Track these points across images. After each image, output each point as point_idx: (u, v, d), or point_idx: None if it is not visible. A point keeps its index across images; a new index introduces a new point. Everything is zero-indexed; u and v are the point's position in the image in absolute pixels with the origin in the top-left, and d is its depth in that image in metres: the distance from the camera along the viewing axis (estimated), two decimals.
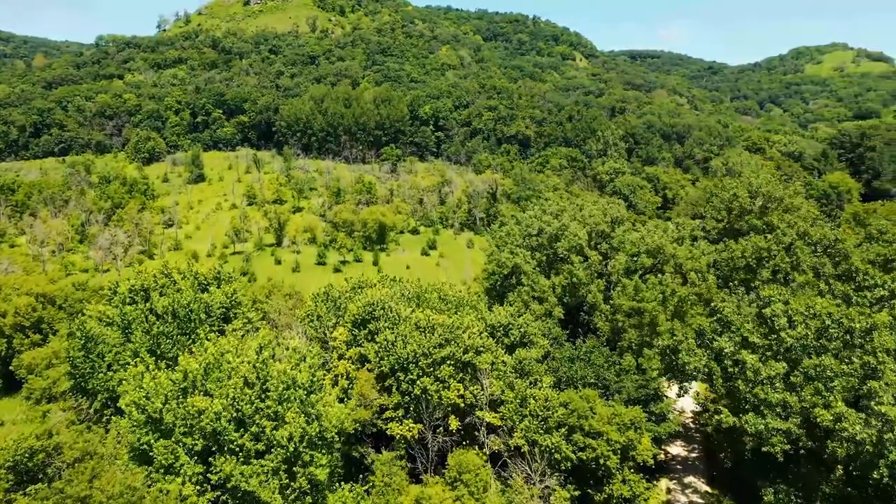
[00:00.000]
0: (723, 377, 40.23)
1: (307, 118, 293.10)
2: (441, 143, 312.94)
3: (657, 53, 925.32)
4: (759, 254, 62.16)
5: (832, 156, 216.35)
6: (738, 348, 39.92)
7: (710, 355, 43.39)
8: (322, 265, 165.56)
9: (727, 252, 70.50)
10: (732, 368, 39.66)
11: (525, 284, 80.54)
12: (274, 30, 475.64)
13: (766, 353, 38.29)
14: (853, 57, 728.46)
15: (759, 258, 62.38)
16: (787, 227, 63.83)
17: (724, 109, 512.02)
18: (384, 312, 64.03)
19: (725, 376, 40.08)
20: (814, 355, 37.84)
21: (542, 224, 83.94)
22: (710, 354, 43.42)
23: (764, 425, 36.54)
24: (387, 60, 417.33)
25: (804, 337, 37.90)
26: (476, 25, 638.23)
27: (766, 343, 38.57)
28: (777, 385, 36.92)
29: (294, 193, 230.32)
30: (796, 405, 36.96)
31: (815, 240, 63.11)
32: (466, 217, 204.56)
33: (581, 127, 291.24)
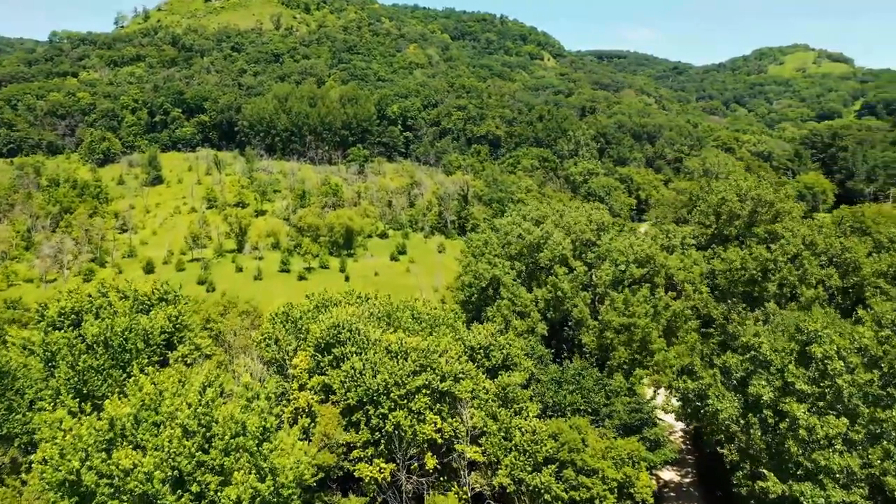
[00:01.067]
0: (760, 428, 34.55)
1: (271, 117, 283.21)
2: (410, 143, 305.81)
3: (623, 53, 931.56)
4: (764, 265, 56.64)
5: (806, 156, 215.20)
6: (779, 394, 34.22)
7: (740, 399, 37.66)
8: (286, 272, 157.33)
9: (725, 262, 64.96)
10: (772, 419, 33.96)
11: (505, 298, 74.16)
12: (236, 27, 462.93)
13: (816, 404, 32.63)
14: (814, 58, 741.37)
15: (765, 270, 56.86)
16: (793, 235, 58.53)
17: (691, 109, 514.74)
18: (351, 335, 56.96)
19: (763, 427, 34.40)
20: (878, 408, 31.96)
21: (523, 232, 77.62)
22: (740, 399, 37.70)
23: (824, 498, 30.78)
24: (353, 59, 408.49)
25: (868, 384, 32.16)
26: (443, 24, 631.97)
27: (816, 391, 32.92)
28: (838, 447, 31.25)
29: (257, 196, 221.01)
30: (860, 472, 31.33)
31: (821, 249, 57.95)
32: (437, 220, 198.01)
33: (552, 127, 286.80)
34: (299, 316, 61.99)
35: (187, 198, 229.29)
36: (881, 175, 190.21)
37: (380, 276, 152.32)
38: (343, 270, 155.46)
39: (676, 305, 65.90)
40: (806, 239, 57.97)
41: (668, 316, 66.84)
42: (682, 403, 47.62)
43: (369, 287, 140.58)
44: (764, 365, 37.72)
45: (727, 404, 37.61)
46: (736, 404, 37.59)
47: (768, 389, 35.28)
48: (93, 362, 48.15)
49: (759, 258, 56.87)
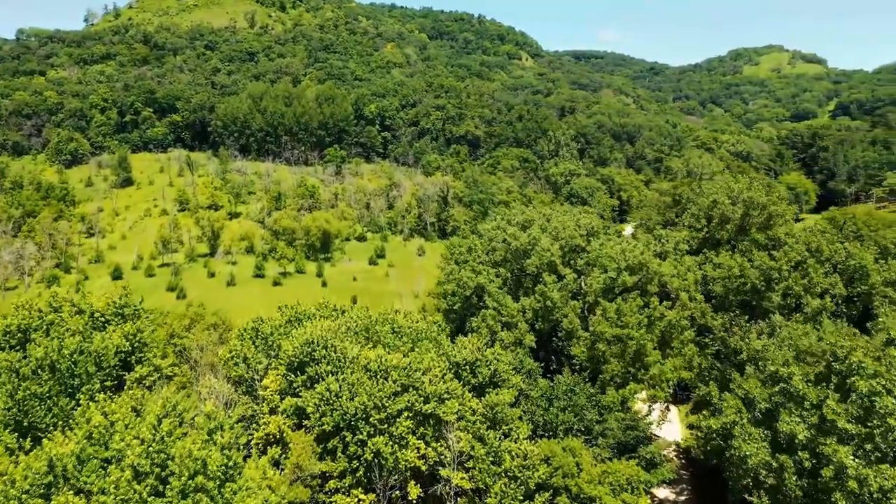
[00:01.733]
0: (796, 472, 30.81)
1: (245, 117, 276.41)
2: (388, 143, 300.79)
3: (600, 54, 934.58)
4: (768, 275, 53.26)
5: (788, 156, 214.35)
6: (816, 433, 30.59)
7: (767, 436, 33.87)
8: (260, 277, 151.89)
9: (721, 270, 61.59)
10: (809, 462, 30.25)
11: (490, 307, 70.18)
12: (210, 25, 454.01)
13: (863, 446, 29.00)
14: (789, 59, 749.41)
15: (769, 279, 53.48)
16: (796, 241, 55.27)
17: (669, 109, 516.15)
18: (326, 353, 52.53)
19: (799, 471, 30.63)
20: None
21: (508, 237, 73.70)
22: (767, 435, 33.89)
23: None
24: (330, 58, 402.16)
25: None
26: (421, 24, 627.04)
27: (863, 431, 29.28)
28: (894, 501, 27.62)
29: (230, 198, 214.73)
30: None
31: (826, 256, 54.77)
32: (416, 222, 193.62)
33: (531, 127, 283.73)
34: (270, 331, 57.37)
35: (158, 200, 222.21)
36: (862, 175, 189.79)
37: (358, 282, 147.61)
38: (320, 275, 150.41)
39: (672, 315, 62.39)
40: (811, 245, 54.70)
41: (663, 326, 63.37)
42: (702, 441, 42.98)
43: (347, 293, 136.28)
44: (796, 399, 33.91)
45: (756, 447, 33.73)
46: (765, 446, 33.66)
47: (803, 427, 31.58)
48: (36, 389, 43.12)
49: (762, 266, 53.43)
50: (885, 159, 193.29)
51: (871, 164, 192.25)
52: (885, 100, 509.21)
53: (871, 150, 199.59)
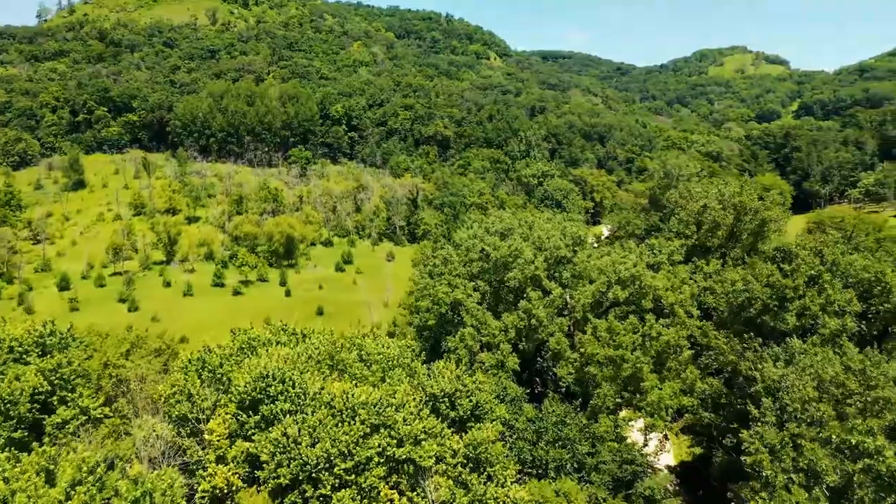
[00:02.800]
0: None
1: (205, 117, 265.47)
2: (355, 143, 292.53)
3: (567, 54, 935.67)
4: (781, 292, 47.74)
5: (762, 156, 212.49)
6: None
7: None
8: (220, 287, 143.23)
9: (723, 284, 56.09)
10: None
11: (468, 325, 63.71)
12: (169, 21, 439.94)
13: None
14: (752, 59, 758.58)
15: (783, 298, 47.95)
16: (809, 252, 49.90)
17: (637, 109, 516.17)
18: (284, 388, 45.38)
19: None
20: None
21: (487, 247, 67.29)
22: None
23: None
24: (294, 56, 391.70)
25: None
26: (388, 22, 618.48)
27: None
28: None
29: (189, 201, 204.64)
30: None
31: (842, 269, 49.54)
32: (385, 226, 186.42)
33: (502, 127, 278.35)
34: (219, 362, 49.97)
35: (112, 204, 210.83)
36: (836, 176, 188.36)
37: (324, 290, 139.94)
38: (283, 284, 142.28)
39: (669, 335, 56.64)
40: (825, 258, 49.37)
41: (659, 347, 57.65)
42: None
43: (313, 303, 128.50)
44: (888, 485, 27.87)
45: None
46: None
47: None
48: None
49: (777, 284, 47.86)
50: (857, 160, 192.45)
51: (844, 165, 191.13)
52: (846, 100, 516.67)
53: (844, 151, 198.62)
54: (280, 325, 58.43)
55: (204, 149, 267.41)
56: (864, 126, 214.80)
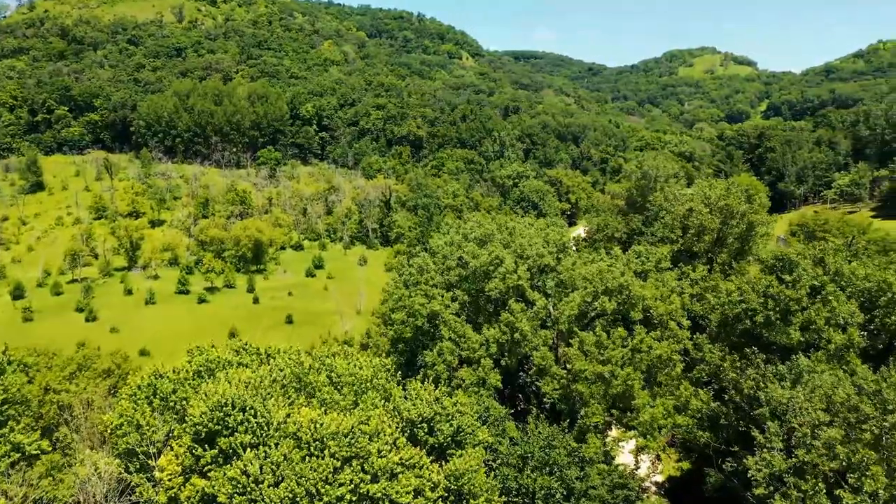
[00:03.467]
0: None
1: (170, 116, 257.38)
2: (326, 144, 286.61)
3: (539, 54, 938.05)
4: (785, 305, 44.49)
5: (737, 157, 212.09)
6: None
7: None
8: (184, 294, 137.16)
9: (718, 296, 52.87)
10: None
11: (446, 338, 59.74)
12: (134, 19, 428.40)
13: None
14: (721, 60, 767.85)
15: (786, 310, 44.69)
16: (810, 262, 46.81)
17: (609, 109, 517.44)
18: (245, 417, 40.78)
19: None
20: None
21: (465, 255, 63.31)
22: None
23: None
24: (264, 54, 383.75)
25: None
26: (359, 21, 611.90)
27: None
28: None
29: (153, 204, 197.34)
30: None
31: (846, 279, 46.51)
32: (357, 229, 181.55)
33: (475, 127, 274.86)
34: (172, 388, 45.15)
35: (72, 207, 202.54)
36: (810, 176, 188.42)
37: (294, 297, 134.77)
38: (251, 290, 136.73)
39: (661, 349, 53.24)
40: (828, 266, 46.29)
41: (650, 360, 54.23)
42: None
43: (282, 311, 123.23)
44: None
45: None
46: None
47: None
48: None
49: (780, 296, 44.57)
50: (831, 160, 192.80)
51: (818, 165, 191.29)
52: (813, 100, 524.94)
53: (818, 151, 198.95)
54: (241, 343, 53.61)
55: (169, 149, 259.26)
56: (836, 126, 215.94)
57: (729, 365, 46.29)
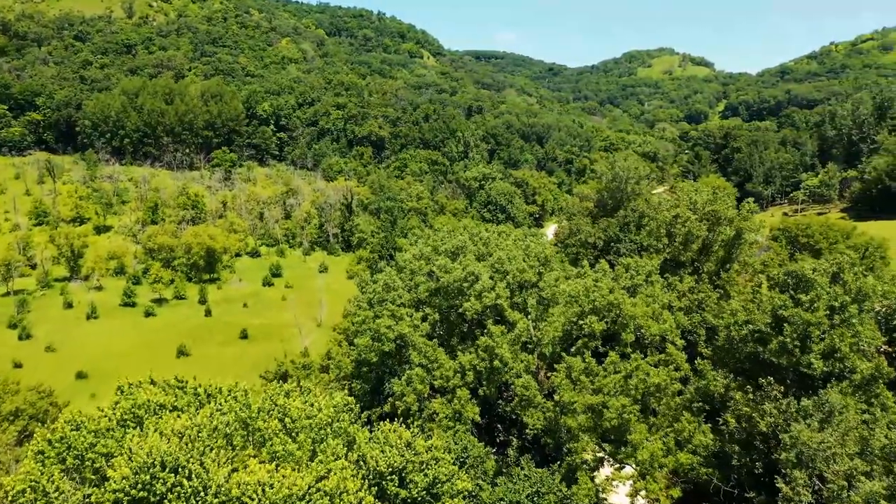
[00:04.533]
0: None
1: (118, 116, 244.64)
2: (284, 145, 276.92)
3: (500, 54, 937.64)
4: (804, 330, 39.19)
5: (705, 157, 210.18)
6: None
7: None
8: (130, 307, 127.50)
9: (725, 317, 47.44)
10: None
11: (416, 364, 53.19)
12: (81, 14, 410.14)
13: None
14: (679, 61, 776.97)
15: (806, 336, 39.41)
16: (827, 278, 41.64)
17: (571, 109, 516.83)
18: (177, 480, 33.60)
19: None
20: None
21: (437, 271, 56.85)
22: None
23: None
24: (218, 52, 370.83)
25: None
26: (318, 19, 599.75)
27: None
28: None
29: (99, 209, 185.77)
30: None
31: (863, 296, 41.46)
32: (317, 234, 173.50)
33: (439, 127, 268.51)
34: (90, 443, 37.61)
35: (10, 212, 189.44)
36: (777, 176, 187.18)
37: (249, 308, 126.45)
38: (203, 302, 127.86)
39: (659, 377, 47.56)
40: (847, 285, 41.15)
41: (646, 388, 48.53)
42: None
43: (236, 326, 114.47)
44: None
45: None
46: None
47: None
48: None
49: (798, 321, 39.23)
50: (797, 160, 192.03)
51: (785, 166, 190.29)
52: (770, 101, 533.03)
53: (784, 151, 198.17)
54: (177, 381, 46.05)
55: (117, 151, 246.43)
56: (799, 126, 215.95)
57: (741, 398, 40.80)
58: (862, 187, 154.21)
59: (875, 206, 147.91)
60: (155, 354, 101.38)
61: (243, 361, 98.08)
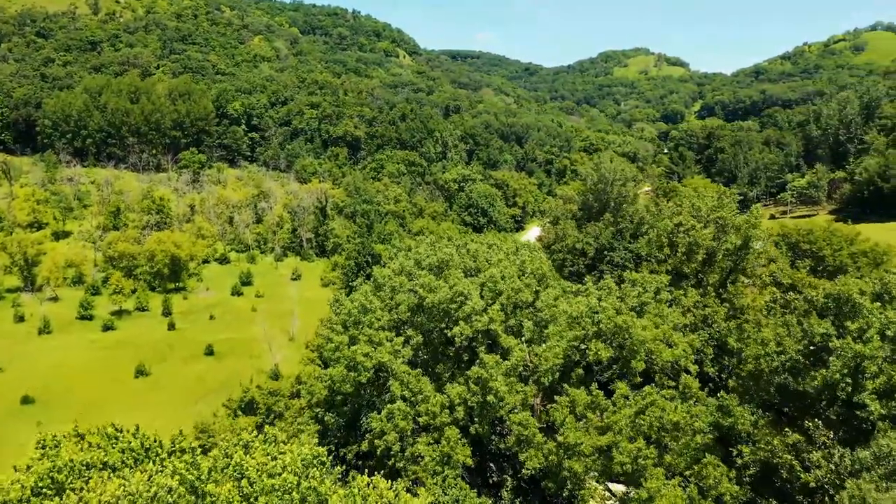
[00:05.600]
0: None
1: (80, 115, 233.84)
2: (256, 145, 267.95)
3: (476, 53, 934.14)
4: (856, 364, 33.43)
5: (689, 158, 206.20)
6: None
7: None
8: (88, 320, 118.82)
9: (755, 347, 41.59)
10: None
11: (398, 396, 46.63)
12: (44, 9, 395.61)
13: None
14: (654, 61, 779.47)
15: (857, 370, 33.66)
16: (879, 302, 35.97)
17: (549, 109, 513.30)
18: None
19: None
20: None
21: (420, 290, 50.30)
22: None
23: None
24: (188, 49, 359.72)
25: None
26: (292, 17, 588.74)
27: None
28: None
29: (58, 214, 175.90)
30: None
31: None
32: (290, 239, 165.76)
33: (416, 127, 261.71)
34: None
35: None
36: (762, 177, 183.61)
37: (216, 321, 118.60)
38: (167, 314, 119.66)
39: (677, 415, 41.55)
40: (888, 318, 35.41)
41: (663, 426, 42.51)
42: None
43: (201, 341, 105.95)
44: None
45: None
46: None
47: None
48: None
49: (846, 353, 33.44)
50: (782, 161, 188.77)
51: (770, 167, 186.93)
52: (745, 101, 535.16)
53: (768, 152, 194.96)
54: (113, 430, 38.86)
55: (80, 152, 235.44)
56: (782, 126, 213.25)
57: (779, 443, 34.88)
58: (852, 189, 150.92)
59: (866, 208, 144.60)
60: (111, 374, 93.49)
61: (207, 381, 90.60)
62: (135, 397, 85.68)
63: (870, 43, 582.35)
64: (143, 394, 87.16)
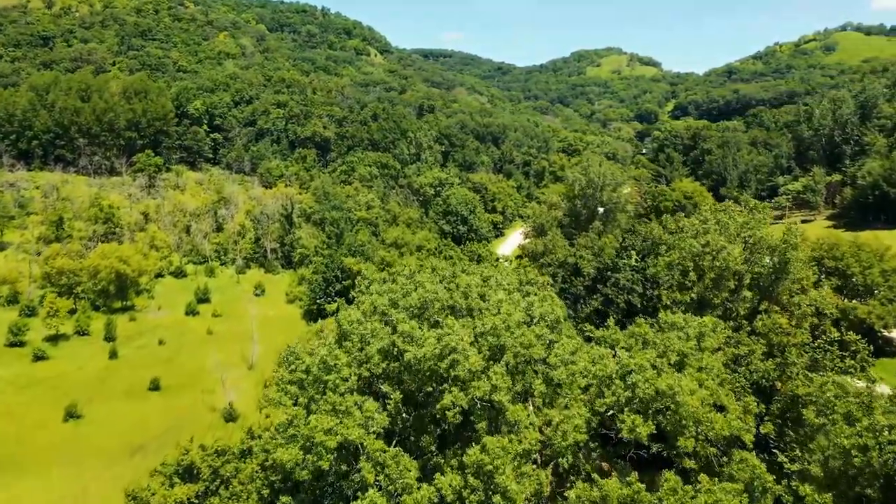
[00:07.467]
0: None
1: (24, 114, 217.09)
2: (219, 147, 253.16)
3: (448, 52, 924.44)
4: None
5: (677, 159, 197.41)
6: None
7: None
8: (18, 346, 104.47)
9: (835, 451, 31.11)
10: None
11: (372, 484, 35.27)
12: None
13: None
14: (627, 61, 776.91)
15: None
16: None
17: (523, 109, 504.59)
18: None
19: None
20: None
21: (399, 342, 38.96)
22: None
23: None
24: (147, 45, 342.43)
25: None
26: (259, 14, 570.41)
27: None
28: None
29: None
30: None
31: None
32: (253, 249, 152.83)
33: (389, 127, 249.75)
34: None
35: None
36: (752, 180, 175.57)
37: (166, 346, 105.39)
38: (110, 339, 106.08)
39: None
40: None
41: None
42: None
43: (147, 371, 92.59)
44: None
45: None
46: None
47: None
48: None
49: None
50: (773, 163, 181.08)
51: (760, 169, 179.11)
52: (718, 100, 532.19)
53: (756, 153, 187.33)
54: None
55: (25, 154, 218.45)
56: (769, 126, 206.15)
57: None
58: (855, 193, 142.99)
59: (870, 214, 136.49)
60: (36, 417, 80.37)
61: (150, 425, 77.93)
62: (60, 448, 72.77)
63: (840, 43, 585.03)
64: (70, 443, 74.24)
